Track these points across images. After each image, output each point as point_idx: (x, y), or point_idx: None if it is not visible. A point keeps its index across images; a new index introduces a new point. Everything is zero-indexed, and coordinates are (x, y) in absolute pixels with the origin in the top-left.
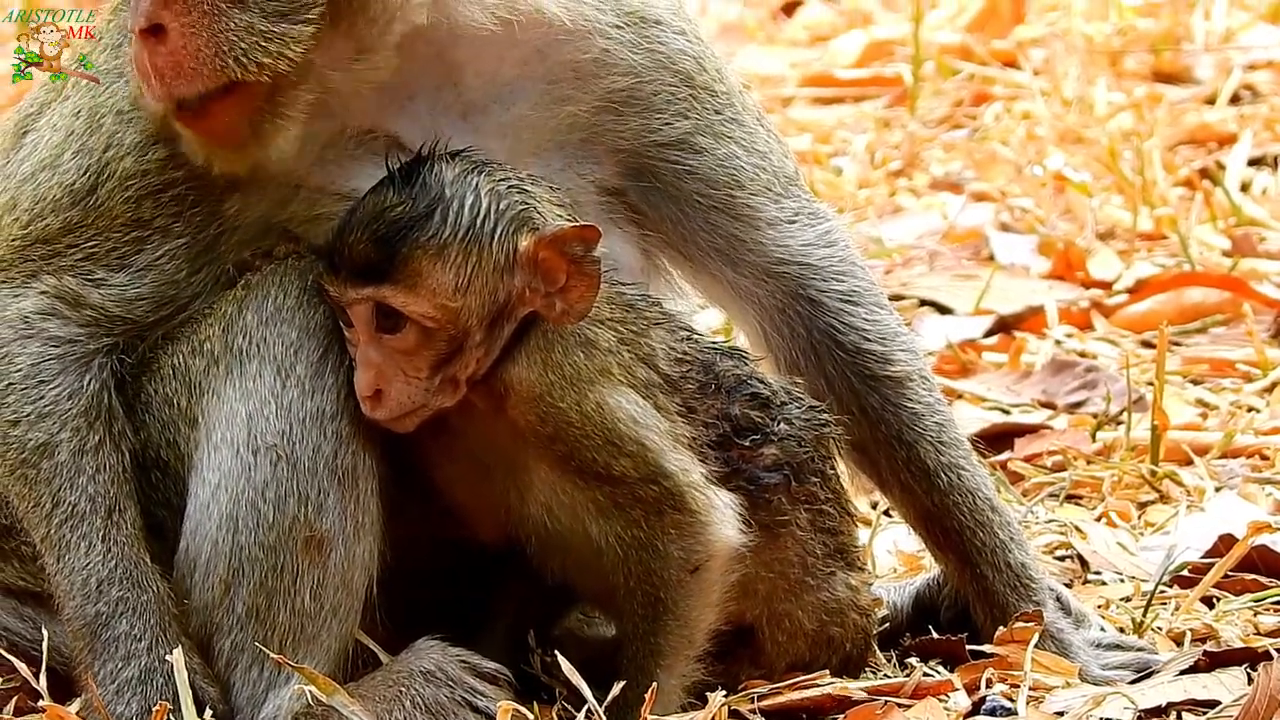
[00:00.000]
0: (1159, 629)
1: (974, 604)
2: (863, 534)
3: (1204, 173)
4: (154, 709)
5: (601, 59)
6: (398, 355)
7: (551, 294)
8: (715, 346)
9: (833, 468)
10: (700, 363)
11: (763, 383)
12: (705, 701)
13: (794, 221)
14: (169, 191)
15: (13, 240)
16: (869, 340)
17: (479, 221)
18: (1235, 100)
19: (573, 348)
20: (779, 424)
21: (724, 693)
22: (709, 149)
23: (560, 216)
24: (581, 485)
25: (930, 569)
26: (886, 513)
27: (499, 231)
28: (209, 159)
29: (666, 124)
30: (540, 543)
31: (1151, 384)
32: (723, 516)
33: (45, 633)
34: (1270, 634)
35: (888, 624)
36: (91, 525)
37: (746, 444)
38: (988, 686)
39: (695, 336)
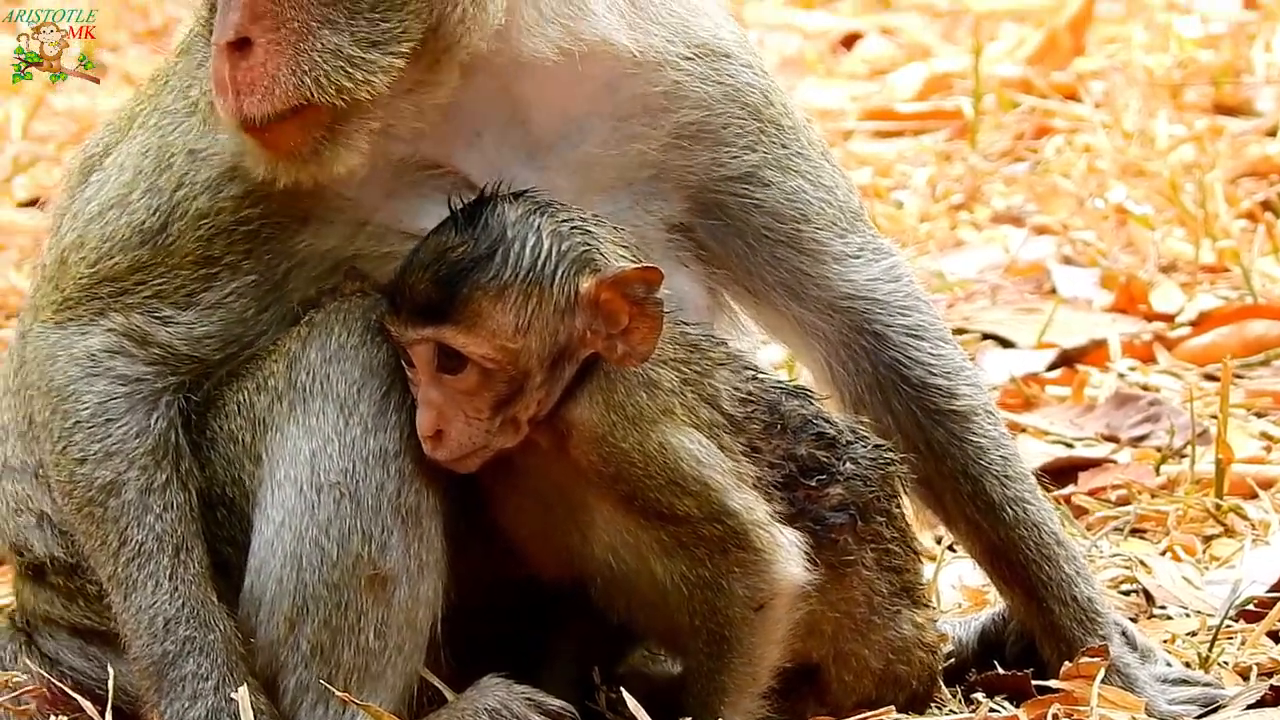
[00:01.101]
0: (1225, 663)
1: (1040, 638)
2: (927, 569)
3: (1266, 205)
4: None
5: (672, 92)
6: (459, 395)
7: (613, 336)
8: (781, 386)
9: (898, 506)
10: (766, 403)
11: (828, 422)
12: None
13: (859, 256)
14: (241, 229)
15: (80, 279)
16: (934, 375)
17: (540, 263)
18: None
19: (635, 388)
20: (845, 464)
21: None
22: (776, 183)
23: (623, 258)
24: (645, 525)
25: (995, 604)
26: (951, 548)
27: (560, 273)
28: (270, 171)
29: (734, 158)
30: (604, 582)
31: (1215, 417)
32: (788, 554)
33: (110, 671)
34: None
35: (953, 659)
36: (159, 564)
37: (812, 484)
38: None
39: (760, 376)
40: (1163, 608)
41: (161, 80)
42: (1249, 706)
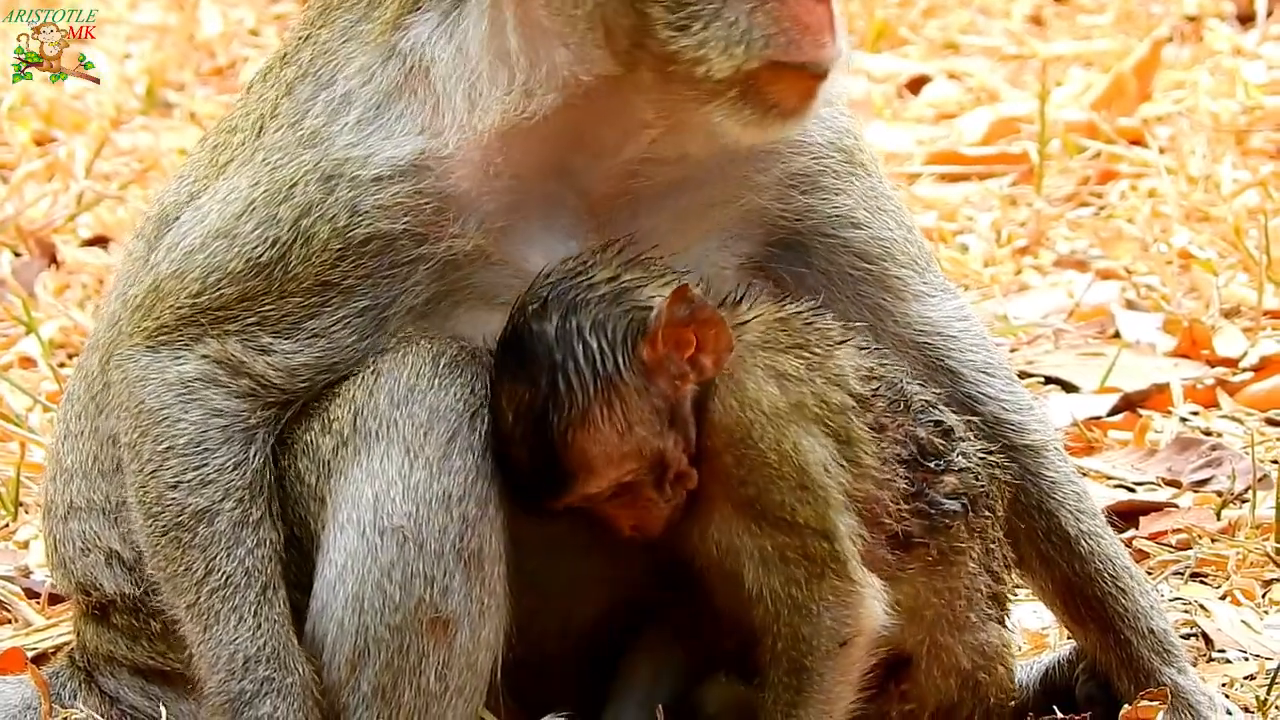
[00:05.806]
0: None
1: (1117, 672)
2: None
3: None
4: None
5: (788, 138)
6: (625, 504)
7: (693, 360)
8: (899, 365)
9: (1003, 508)
10: (888, 380)
11: (942, 411)
12: None
13: (935, 295)
14: (372, 243)
15: (179, 307)
16: (1007, 410)
17: (598, 365)
18: None
19: (764, 382)
20: (958, 455)
21: None
22: (866, 224)
23: (658, 293)
24: (755, 532)
25: (1055, 648)
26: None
27: (621, 361)
28: (770, 125)
29: (827, 201)
30: (704, 571)
31: (1276, 462)
32: (875, 594)
33: (163, 710)
34: None
35: (1014, 701)
36: (244, 599)
37: (930, 467)
38: None
39: (879, 351)
40: (1222, 651)
41: (256, 119)
42: None
